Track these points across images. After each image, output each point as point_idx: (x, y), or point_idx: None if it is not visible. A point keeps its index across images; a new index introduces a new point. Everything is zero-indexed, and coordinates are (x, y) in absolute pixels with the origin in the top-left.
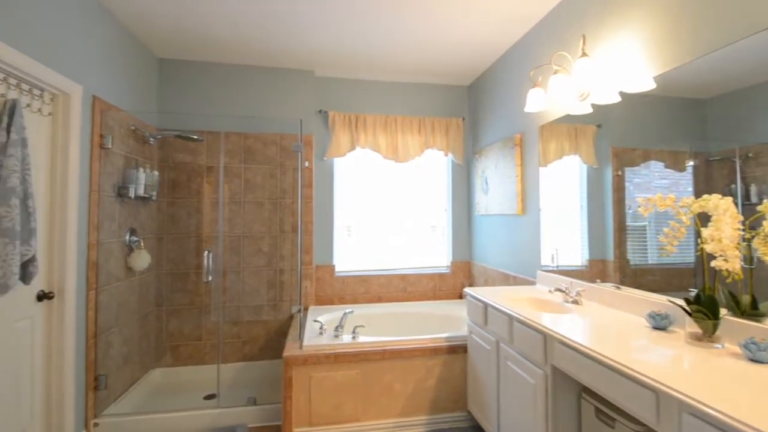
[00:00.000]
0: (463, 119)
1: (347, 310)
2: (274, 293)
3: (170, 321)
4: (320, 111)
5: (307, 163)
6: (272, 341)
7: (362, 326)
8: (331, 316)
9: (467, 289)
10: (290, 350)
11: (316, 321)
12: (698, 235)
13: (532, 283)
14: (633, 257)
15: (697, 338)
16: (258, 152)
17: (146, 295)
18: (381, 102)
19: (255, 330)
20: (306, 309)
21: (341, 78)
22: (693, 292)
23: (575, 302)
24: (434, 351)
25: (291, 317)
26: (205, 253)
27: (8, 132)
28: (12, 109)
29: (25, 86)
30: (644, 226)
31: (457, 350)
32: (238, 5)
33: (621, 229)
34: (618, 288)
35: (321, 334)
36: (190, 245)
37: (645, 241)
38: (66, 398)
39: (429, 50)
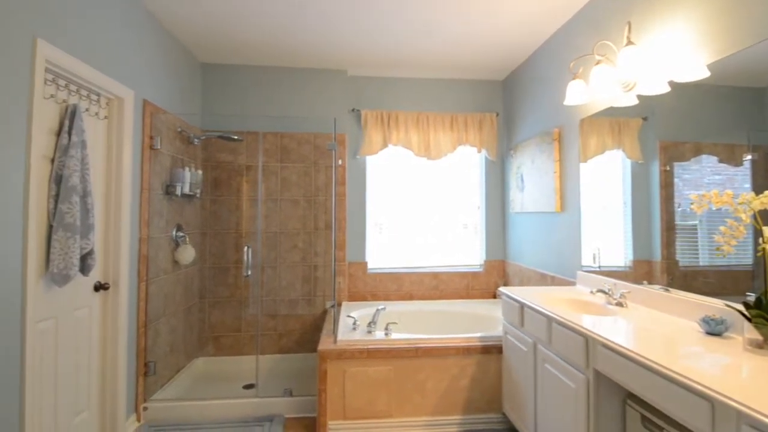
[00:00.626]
0: (497, 114)
1: (380, 307)
2: (309, 288)
3: (212, 313)
4: (353, 110)
5: (340, 162)
6: (307, 335)
7: (395, 323)
8: (363, 312)
9: (502, 289)
10: (325, 344)
11: (349, 316)
12: (759, 234)
13: (572, 284)
14: (682, 258)
15: (757, 345)
16: (293, 151)
17: (191, 288)
18: (413, 99)
19: (290, 323)
20: (339, 304)
21: (373, 76)
22: (751, 296)
23: (619, 304)
24: (468, 350)
25: (325, 312)
26: (245, 248)
27: (70, 134)
28: (73, 113)
29: (84, 92)
30: (695, 225)
31: (492, 350)
32: (274, 10)
33: (669, 228)
34: (667, 290)
35: (354, 329)
36: (231, 241)
37: (695, 241)
38: (119, 382)
39: (462, 45)
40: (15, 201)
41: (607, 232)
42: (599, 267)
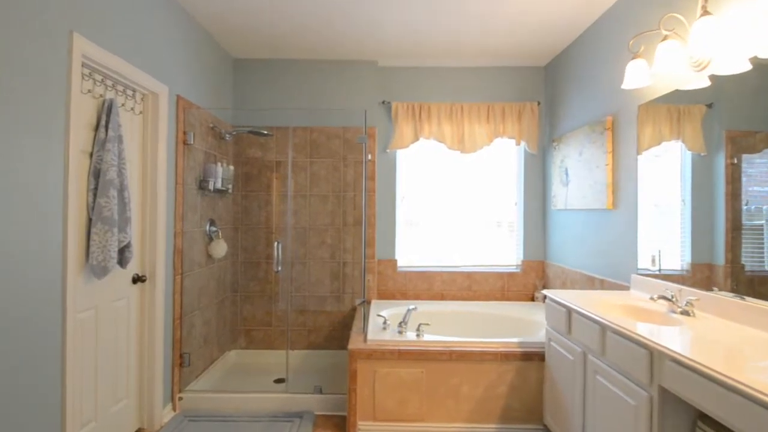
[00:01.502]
0: (538, 104)
1: (410, 307)
2: (338, 285)
3: (244, 307)
4: (383, 102)
5: (369, 156)
6: (336, 331)
7: (427, 324)
8: (394, 311)
9: (546, 292)
10: (355, 343)
11: (379, 315)
12: None
13: (625, 289)
14: (749, 261)
15: None
16: (322, 146)
17: (223, 282)
18: (446, 89)
19: (320, 320)
20: (368, 302)
21: (404, 67)
22: None
23: (685, 313)
24: (506, 356)
25: (353, 310)
26: (275, 244)
27: (107, 129)
28: (109, 108)
29: (120, 87)
30: (761, 225)
31: (533, 357)
32: (304, 2)
33: (735, 228)
34: (742, 298)
35: (385, 329)
36: (261, 236)
37: (762, 243)
38: (156, 372)
39: (499, 29)
40: (55, 194)
41: (660, 232)
42: (659, 271)
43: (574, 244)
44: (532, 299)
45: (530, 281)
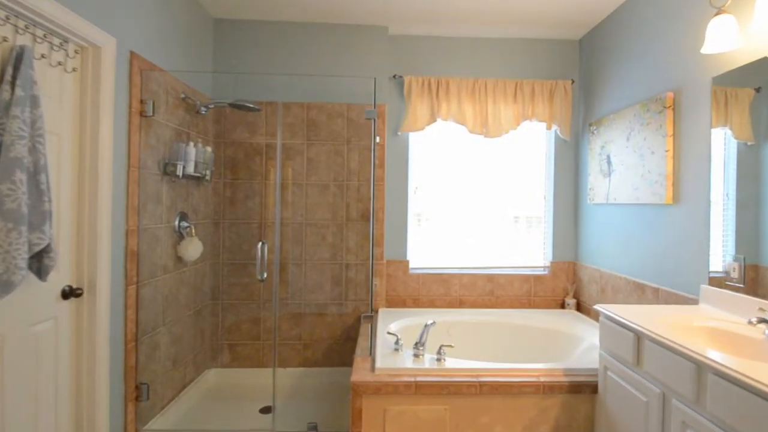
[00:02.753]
0: (572, 82)
1: (429, 322)
2: (339, 291)
3: (227, 317)
4: (394, 76)
5: (378, 139)
6: (337, 345)
7: (450, 346)
8: (405, 323)
9: (600, 307)
10: (360, 373)
11: (390, 334)
12: None
13: (691, 302)
14: None
15: None
16: (322, 126)
17: (201, 288)
18: (468, 63)
19: (317, 332)
20: (375, 311)
21: (419, 35)
22: None
23: None
24: (550, 388)
25: (358, 320)
26: (259, 245)
27: (12, 87)
28: (18, 58)
29: (39, 31)
30: None
31: (583, 388)
32: None
33: None
34: None
35: (397, 350)
36: (249, 233)
37: None
38: (98, 412)
39: None
40: None
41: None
42: (744, 283)
43: (616, 244)
44: (563, 306)
45: (560, 285)
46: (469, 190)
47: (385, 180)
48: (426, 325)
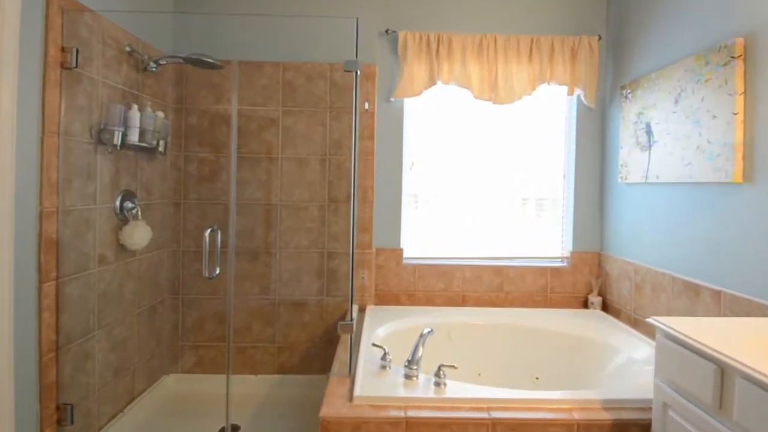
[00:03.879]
0: (599, 38)
1: (425, 330)
2: (321, 285)
3: (188, 314)
4: (386, 31)
5: (367, 105)
6: (317, 349)
7: (453, 366)
8: (398, 326)
9: (657, 321)
10: (332, 403)
11: (376, 346)
12: None
13: None
14: None
15: None
16: (300, 89)
17: (156, 280)
18: (474, 16)
19: (294, 334)
20: (363, 309)
21: None
22: None
23: None
24: (586, 428)
25: (343, 319)
26: (206, 233)
27: None
28: None
29: None
30: None
31: (630, 429)
32: None
33: None
34: None
35: (384, 368)
36: (216, 215)
37: None
38: None
39: None
40: None
41: None
42: None
43: (658, 232)
44: (585, 305)
45: (582, 280)
46: (474, 168)
47: (375, 154)
48: (421, 335)
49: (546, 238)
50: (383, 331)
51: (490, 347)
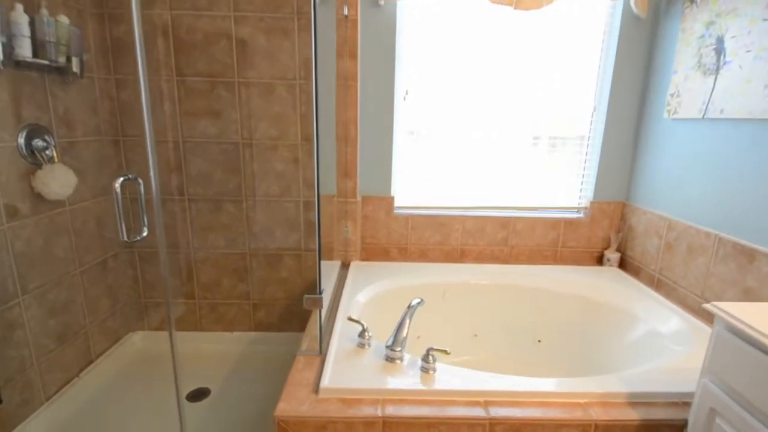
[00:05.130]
0: None
1: (414, 301)
2: (296, 238)
3: (147, 269)
4: None
5: (346, 10)
6: (295, 306)
7: (445, 351)
8: (384, 288)
9: (717, 308)
10: (294, 396)
11: (352, 320)
12: None
13: None
14: None
15: None
16: None
17: (99, 233)
18: None
19: (270, 290)
20: (346, 266)
21: None
22: None
23: None
24: (607, 429)
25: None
26: (118, 183)
27: None
28: None
29: None
30: None
31: (661, 430)
32: None
33: None
34: None
35: (362, 346)
36: (166, 153)
37: None
38: None
39: None
40: None
41: None
42: None
43: (709, 183)
44: (600, 261)
45: (599, 234)
46: (484, 99)
47: (358, 79)
48: (409, 307)
49: (562, 185)
50: (365, 295)
51: (489, 307)
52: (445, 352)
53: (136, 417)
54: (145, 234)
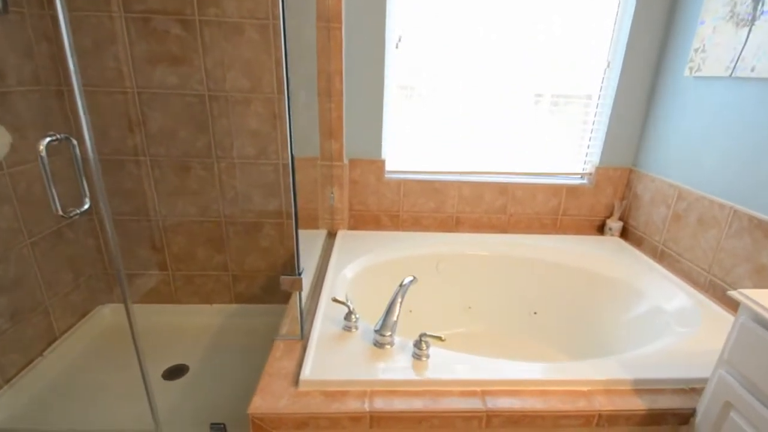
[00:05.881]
0: None
1: (406, 280)
2: (277, 205)
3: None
4: None
5: None
6: (278, 278)
7: (439, 338)
8: (372, 261)
9: (742, 295)
10: (270, 390)
11: (338, 301)
12: None
13: None
14: None
15: None
16: None
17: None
18: None
19: (250, 261)
20: (333, 234)
21: None
22: None
23: None
24: (611, 420)
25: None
26: (43, 144)
27: None
28: None
29: None
30: None
31: (666, 419)
32: None
33: None
34: None
35: (348, 329)
36: (123, 107)
37: None
38: None
39: None
40: None
41: None
42: None
43: (731, 150)
44: (601, 230)
45: (603, 201)
46: (483, 49)
47: (342, 21)
48: (401, 286)
49: (566, 149)
50: (353, 269)
51: (484, 278)
52: (439, 338)
53: (106, 397)
54: (86, 207)
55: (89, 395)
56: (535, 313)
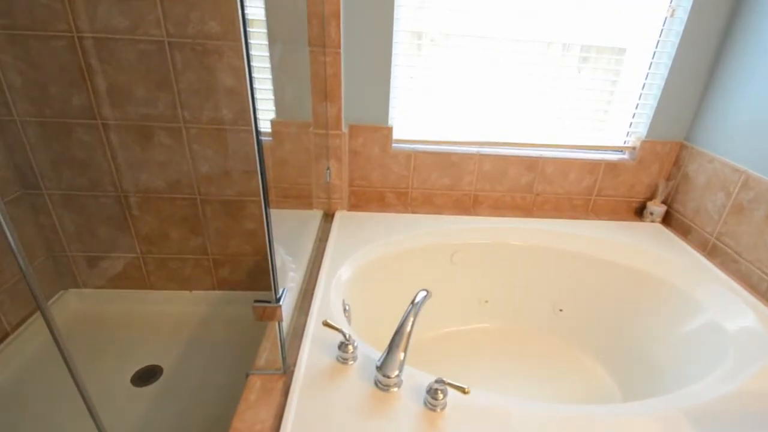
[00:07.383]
0: None
1: (418, 298)
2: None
3: (66, 216)
4: None
5: None
6: (266, 263)
7: (463, 389)
8: (374, 256)
9: None
10: None
11: (329, 326)
12: None
13: None
14: None
15: None
16: None
17: None
18: None
19: (234, 244)
20: (331, 215)
21: None
22: None
23: None
24: None
25: (297, 225)
26: None
27: None
28: None
29: None
30: None
31: None
32: None
33: None
34: None
35: (345, 362)
36: (70, 60)
37: None
38: None
39: None
40: None
41: None
42: None
43: None
44: (640, 214)
45: (645, 181)
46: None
47: None
48: (413, 303)
49: (607, 121)
50: (348, 269)
51: (504, 269)
52: (462, 390)
53: (65, 404)
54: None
55: (43, 402)
56: (561, 310)
